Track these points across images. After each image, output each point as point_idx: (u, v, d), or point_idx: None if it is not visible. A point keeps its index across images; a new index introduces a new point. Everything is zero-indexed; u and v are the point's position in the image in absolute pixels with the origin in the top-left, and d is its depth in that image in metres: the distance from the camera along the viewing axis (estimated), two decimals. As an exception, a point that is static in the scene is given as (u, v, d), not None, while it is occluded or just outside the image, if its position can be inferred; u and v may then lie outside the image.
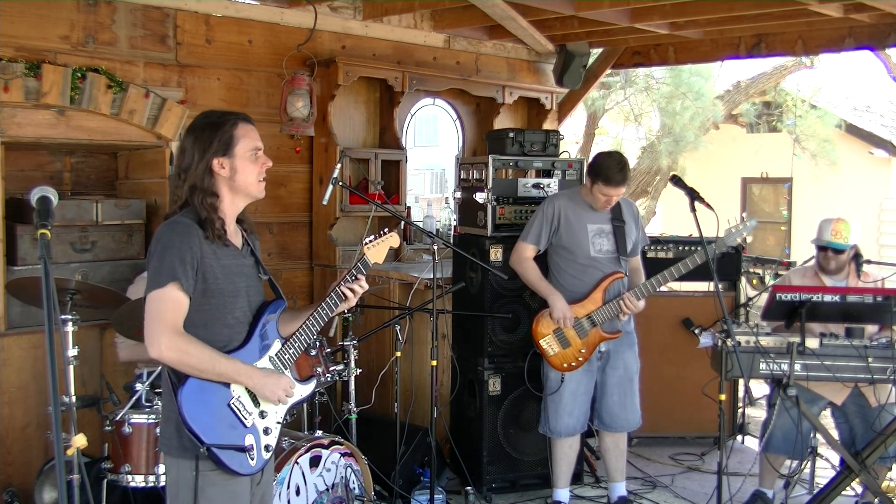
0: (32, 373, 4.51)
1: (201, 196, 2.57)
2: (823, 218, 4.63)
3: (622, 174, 4.32)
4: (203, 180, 2.58)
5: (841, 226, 4.50)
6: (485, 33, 6.43)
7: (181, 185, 2.61)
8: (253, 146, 2.64)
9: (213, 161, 2.59)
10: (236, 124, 2.63)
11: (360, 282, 2.89)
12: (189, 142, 2.63)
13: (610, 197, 4.37)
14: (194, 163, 2.58)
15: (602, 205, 4.43)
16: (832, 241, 4.50)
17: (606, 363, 4.52)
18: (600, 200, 4.41)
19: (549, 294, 4.44)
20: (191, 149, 2.61)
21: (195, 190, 2.58)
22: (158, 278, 2.51)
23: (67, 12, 4.60)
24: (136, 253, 4.93)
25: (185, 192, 2.60)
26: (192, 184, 2.58)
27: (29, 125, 4.42)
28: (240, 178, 2.62)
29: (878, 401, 4.29)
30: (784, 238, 13.56)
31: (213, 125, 2.62)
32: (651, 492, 5.12)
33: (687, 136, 10.51)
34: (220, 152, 2.59)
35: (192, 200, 2.58)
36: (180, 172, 2.62)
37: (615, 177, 4.31)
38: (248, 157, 2.63)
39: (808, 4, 5.06)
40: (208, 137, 2.59)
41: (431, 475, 4.43)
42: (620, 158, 4.43)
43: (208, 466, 2.56)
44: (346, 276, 2.89)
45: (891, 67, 10.25)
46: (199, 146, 2.60)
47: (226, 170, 2.60)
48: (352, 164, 5.66)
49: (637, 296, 4.36)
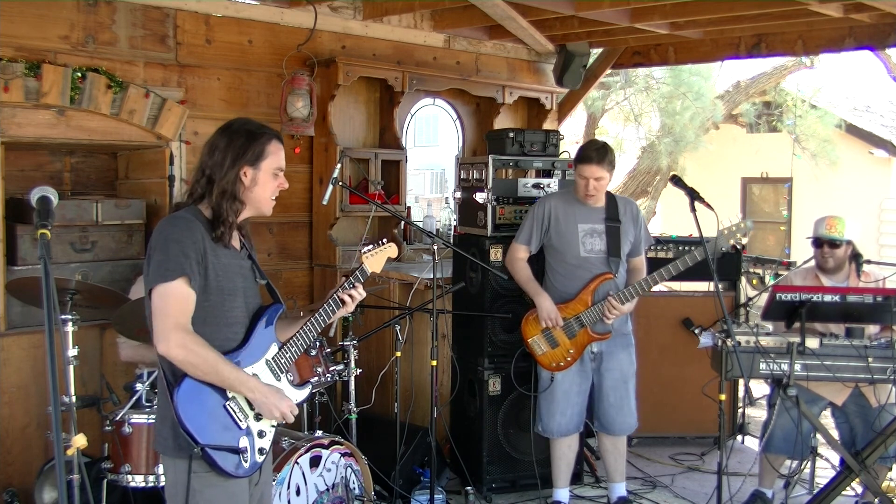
0: (32, 373, 4.52)
1: (230, 202, 2.64)
2: (819, 217, 4.64)
3: (597, 153, 4.30)
4: (234, 186, 2.65)
5: (835, 220, 4.52)
6: (485, 33, 6.44)
7: (203, 181, 2.66)
8: (278, 165, 2.73)
9: (242, 169, 2.65)
10: (271, 140, 2.71)
11: (358, 289, 2.95)
12: (223, 143, 2.67)
13: (587, 180, 4.32)
14: (225, 167, 2.64)
15: (584, 192, 4.38)
16: (827, 233, 4.51)
17: (601, 364, 4.51)
18: (580, 186, 4.38)
19: (536, 294, 4.45)
20: (223, 150, 2.66)
21: (225, 195, 2.63)
22: (165, 273, 2.51)
23: (67, 12, 4.60)
24: (136, 253, 4.93)
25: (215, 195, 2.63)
26: (223, 189, 2.63)
27: (29, 125, 4.42)
28: (257, 191, 2.69)
29: (878, 401, 4.29)
30: (784, 238, 13.56)
31: (250, 134, 2.69)
32: (651, 492, 5.12)
33: (687, 136, 10.51)
34: (250, 162, 2.66)
35: (218, 203, 2.63)
36: (205, 167, 2.67)
37: (588, 154, 4.31)
38: (271, 174, 2.71)
39: (808, 4, 5.06)
40: (243, 145, 2.66)
41: (431, 475, 4.43)
42: (599, 142, 4.45)
43: (203, 468, 2.57)
44: (344, 284, 2.94)
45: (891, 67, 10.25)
46: (232, 151, 2.65)
47: (248, 179, 2.67)
48: (352, 164, 5.66)
49: (622, 299, 4.32)
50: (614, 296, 4.31)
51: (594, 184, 4.33)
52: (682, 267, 4.26)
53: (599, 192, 4.37)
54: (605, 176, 4.34)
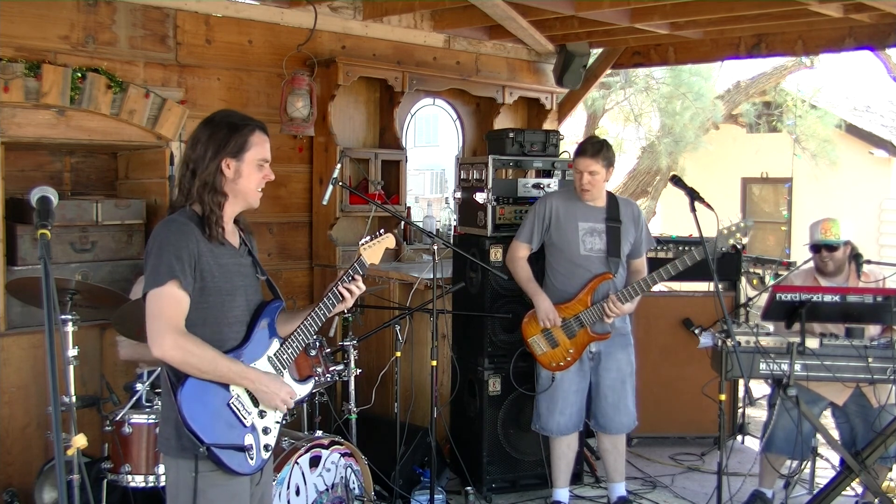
0: (32, 373, 4.52)
1: (211, 194, 2.62)
2: (812, 222, 4.63)
3: (591, 147, 4.34)
4: (214, 178, 2.62)
5: (829, 223, 4.51)
6: (485, 33, 6.44)
7: (188, 175, 2.64)
8: (262, 156, 2.70)
9: (224, 161, 2.63)
10: (254, 131, 2.68)
11: (358, 282, 2.94)
12: (204, 135, 2.66)
13: (582, 173, 4.35)
14: (206, 159, 2.62)
15: (579, 186, 4.40)
16: (824, 238, 4.50)
17: (599, 364, 4.52)
18: (576, 180, 4.41)
19: (535, 295, 4.46)
20: (205, 142, 2.64)
21: (206, 187, 2.61)
22: (157, 276, 2.52)
23: (67, 12, 4.60)
24: (136, 253, 4.93)
25: (196, 187, 2.61)
26: (204, 181, 2.61)
27: (29, 125, 4.42)
28: (242, 183, 2.67)
29: (878, 401, 4.29)
30: (784, 238, 13.57)
31: (232, 126, 2.66)
32: (651, 492, 5.12)
33: (687, 136, 10.51)
34: (232, 154, 2.64)
35: (200, 196, 2.61)
36: (188, 162, 2.66)
37: (583, 147, 4.37)
38: (255, 165, 2.68)
39: (808, 4, 5.06)
40: (225, 137, 2.64)
41: (431, 475, 4.43)
42: (598, 138, 4.49)
43: (208, 467, 2.57)
44: (343, 277, 2.92)
45: (891, 67, 10.25)
46: (213, 143, 2.63)
47: (231, 171, 2.64)
48: (352, 164, 5.66)
49: (622, 298, 4.33)
50: (616, 295, 4.32)
51: (588, 178, 4.35)
52: (681, 267, 4.26)
53: (594, 186, 4.37)
54: (600, 171, 4.34)
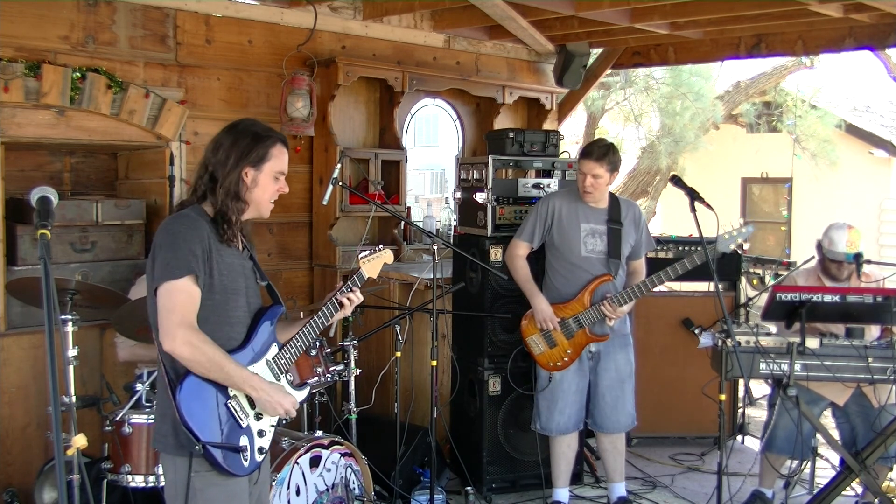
0: (32, 373, 4.52)
1: (235, 201, 2.65)
2: (833, 226, 4.51)
3: (597, 150, 4.34)
4: (237, 186, 2.66)
5: (854, 235, 4.44)
6: (485, 33, 6.43)
7: (206, 177, 2.67)
8: (280, 168, 2.74)
9: (244, 170, 2.66)
10: (276, 143, 2.73)
11: (356, 293, 3.00)
12: (227, 141, 2.68)
13: (585, 176, 4.35)
14: (228, 166, 2.65)
15: (581, 188, 4.40)
16: (849, 252, 4.43)
17: (598, 364, 4.52)
18: (578, 181, 4.41)
19: (533, 295, 4.46)
20: (227, 149, 2.67)
21: (229, 195, 2.65)
22: (173, 270, 2.52)
23: (67, 12, 4.59)
24: (136, 253, 4.93)
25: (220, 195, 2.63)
26: (227, 189, 2.64)
27: (29, 125, 4.42)
28: (257, 193, 2.70)
29: (878, 401, 4.29)
30: (784, 238, 13.57)
31: (256, 136, 2.70)
32: (651, 492, 5.12)
33: (687, 137, 10.51)
34: (253, 164, 2.67)
35: (224, 203, 2.64)
36: (207, 164, 2.68)
37: (589, 149, 4.37)
38: (272, 177, 2.72)
39: (808, 4, 5.06)
40: (248, 146, 2.67)
41: (431, 475, 4.43)
42: (605, 142, 4.47)
43: (204, 466, 2.57)
44: (342, 288, 2.98)
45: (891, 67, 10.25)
46: (236, 150, 2.66)
47: (248, 179, 2.68)
48: (352, 164, 5.65)
49: (619, 301, 4.33)
50: (612, 298, 4.32)
51: (591, 181, 4.35)
52: (681, 270, 4.26)
53: (597, 189, 4.37)
54: (603, 174, 4.34)
